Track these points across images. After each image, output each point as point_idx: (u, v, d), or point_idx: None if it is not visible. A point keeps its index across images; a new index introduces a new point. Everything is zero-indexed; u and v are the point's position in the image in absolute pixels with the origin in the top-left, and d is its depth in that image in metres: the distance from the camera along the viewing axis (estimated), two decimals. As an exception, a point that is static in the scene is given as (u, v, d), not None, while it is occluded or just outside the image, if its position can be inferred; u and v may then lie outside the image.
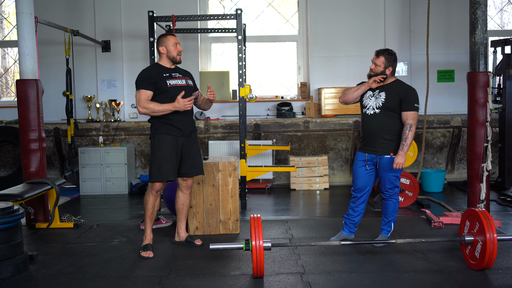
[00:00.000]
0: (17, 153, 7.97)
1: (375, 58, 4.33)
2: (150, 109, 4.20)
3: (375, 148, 4.30)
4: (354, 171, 4.45)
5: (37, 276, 3.84)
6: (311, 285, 3.58)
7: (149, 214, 4.37)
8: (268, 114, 8.28)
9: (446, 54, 8.30)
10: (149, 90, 4.23)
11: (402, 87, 4.32)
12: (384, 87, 4.33)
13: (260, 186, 7.53)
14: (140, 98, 4.23)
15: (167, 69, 4.39)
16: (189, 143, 4.40)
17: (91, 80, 8.23)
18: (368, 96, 4.37)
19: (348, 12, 8.26)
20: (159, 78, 4.26)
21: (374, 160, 4.33)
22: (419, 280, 3.64)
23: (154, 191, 4.34)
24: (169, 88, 4.26)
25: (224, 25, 8.59)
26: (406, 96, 4.23)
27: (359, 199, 4.47)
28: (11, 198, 4.44)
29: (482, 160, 5.15)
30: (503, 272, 3.76)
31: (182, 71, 4.51)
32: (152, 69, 4.38)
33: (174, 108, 4.20)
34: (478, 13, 5.10)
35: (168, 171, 4.27)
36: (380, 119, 4.27)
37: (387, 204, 4.41)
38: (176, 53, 4.37)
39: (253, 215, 3.76)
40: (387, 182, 4.34)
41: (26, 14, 5.28)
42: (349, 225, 4.55)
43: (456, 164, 8.08)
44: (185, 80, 4.41)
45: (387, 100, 4.25)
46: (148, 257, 4.23)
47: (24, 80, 5.33)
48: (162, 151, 4.27)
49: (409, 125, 4.18)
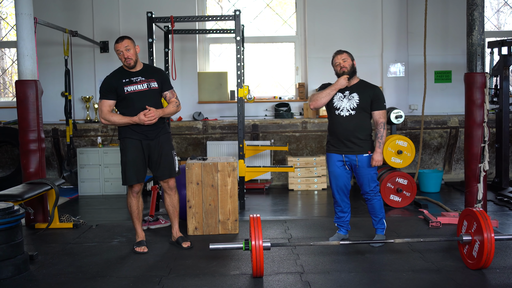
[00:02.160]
0: (15, 154, 7.97)
1: (339, 56, 4.39)
2: (111, 121, 4.24)
3: (352, 149, 4.35)
4: (333, 173, 4.46)
5: (37, 276, 3.85)
6: (310, 284, 3.60)
7: (135, 216, 4.44)
8: (266, 115, 8.31)
9: (443, 55, 8.34)
10: (110, 99, 4.25)
11: (371, 87, 4.43)
12: (353, 88, 4.40)
13: (259, 187, 7.54)
14: (102, 109, 4.24)
15: (129, 73, 4.30)
16: (157, 146, 4.36)
17: (89, 80, 8.24)
18: (339, 98, 4.39)
19: (345, 13, 8.29)
20: (118, 85, 4.24)
21: (353, 162, 4.37)
22: (417, 280, 3.67)
23: (134, 193, 4.41)
24: (126, 95, 4.23)
25: (222, 26, 8.60)
26: (377, 96, 4.36)
27: (344, 199, 4.52)
28: (11, 198, 4.45)
29: (479, 161, 5.18)
30: (501, 271, 3.79)
31: (148, 73, 4.36)
32: (113, 76, 4.33)
33: (134, 122, 4.20)
34: (475, 14, 5.13)
35: (131, 175, 4.30)
36: (356, 120, 4.33)
37: (373, 203, 4.46)
38: (122, 60, 4.26)
39: (253, 215, 3.78)
40: (370, 180, 4.40)
41: (26, 15, 5.29)
42: (343, 225, 4.60)
43: (453, 165, 8.11)
44: (147, 83, 4.30)
45: (361, 101, 4.33)
46: (143, 252, 4.31)
47: (23, 81, 5.34)
48: (125, 155, 4.32)
49: (383, 123, 4.35)
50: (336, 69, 4.41)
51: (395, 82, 8.30)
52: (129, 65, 4.26)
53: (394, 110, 6.21)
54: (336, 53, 4.43)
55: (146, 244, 4.45)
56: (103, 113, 4.24)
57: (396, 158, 6.10)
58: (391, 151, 6.10)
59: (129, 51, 4.23)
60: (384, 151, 6.07)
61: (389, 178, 6.06)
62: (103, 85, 4.29)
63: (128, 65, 4.26)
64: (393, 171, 6.12)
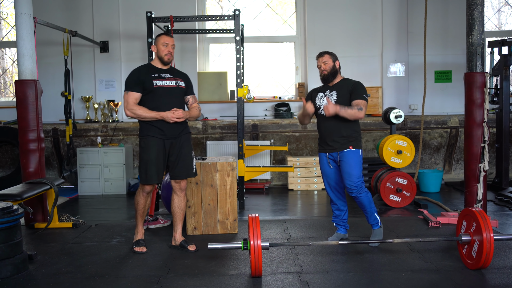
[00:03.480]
0: (15, 153, 7.97)
1: (320, 58, 4.42)
2: (137, 114, 4.19)
3: (333, 147, 4.39)
4: (324, 172, 4.52)
5: (36, 276, 3.85)
6: (309, 284, 3.60)
7: (140, 213, 4.44)
8: (266, 115, 8.30)
9: (443, 55, 8.33)
10: (137, 92, 4.20)
11: (350, 82, 4.43)
12: (334, 87, 4.43)
13: (258, 186, 7.54)
14: (128, 101, 4.20)
15: (157, 69, 4.31)
16: (178, 145, 4.32)
17: (89, 80, 8.24)
18: (320, 98, 4.45)
19: (345, 12, 8.29)
20: (147, 79, 4.21)
21: (336, 158, 4.40)
22: (416, 280, 3.67)
23: (145, 193, 4.36)
24: (154, 89, 4.20)
25: (222, 26, 8.60)
26: (355, 89, 4.34)
27: (339, 196, 4.56)
28: (11, 198, 4.45)
29: (479, 161, 5.17)
30: (500, 271, 3.79)
31: (176, 73, 4.42)
32: (141, 69, 4.33)
33: (161, 117, 4.17)
34: (475, 13, 5.13)
35: (152, 174, 4.25)
36: (335, 117, 4.28)
37: (361, 199, 4.37)
38: (165, 53, 4.26)
39: (251, 215, 3.78)
40: (353, 175, 4.32)
41: (25, 15, 5.28)
42: (342, 224, 4.62)
43: (453, 165, 8.11)
44: (175, 81, 4.30)
45: (339, 97, 4.35)
46: (142, 251, 4.32)
47: (23, 81, 5.34)
48: (147, 153, 4.25)
49: (359, 107, 4.23)
50: (319, 70, 4.47)
51: (395, 82, 8.29)
52: (167, 61, 4.29)
53: (394, 110, 6.20)
54: (318, 56, 4.47)
55: (145, 244, 4.45)
56: (129, 104, 4.18)
57: (396, 158, 6.10)
58: (391, 151, 6.09)
59: (173, 49, 4.32)
60: (384, 151, 6.07)
61: (389, 178, 6.05)
62: (131, 77, 4.26)
63: (167, 61, 4.28)
64: (393, 171, 6.12)
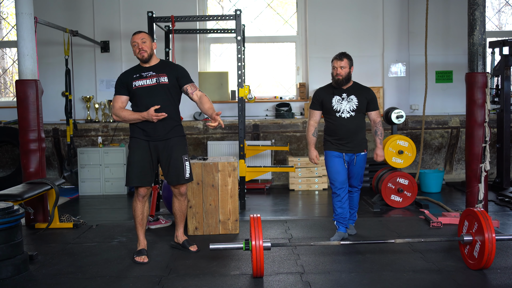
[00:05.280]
0: (16, 154, 7.97)
1: (339, 61, 4.53)
2: (122, 117, 4.16)
3: (352, 148, 4.58)
4: (333, 168, 4.60)
5: (37, 276, 3.84)
6: (311, 284, 3.59)
7: (138, 221, 4.24)
8: (267, 115, 8.30)
9: (444, 55, 8.32)
10: (122, 95, 4.19)
11: (365, 89, 4.64)
12: (350, 91, 4.58)
13: (259, 187, 7.54)
14: (114, 105, 4.20)
15: (141, 68, 4.23)
16: (167, 148, 4.20)
17: (90, 80, 8.24)
18: (338, 101, 4.58)
19: (346, 12, 8.28)
20: (129, 80, 4.18)
21: (352, 160, 4.61)
22: (418, 280, 3.66)
23: (140, 197, 4.20)
24: (134, 90, 4.15)
25: (223, 26, 8.60)
26: (372, 98, 4.62)
27: (344, 194, 4.61)
28: (11, 198, 4.44)
29: (480, 161, 5.17)
30: (502, 271, 3.78)
31: (161, 68, 4.23)
32: (127, 72, 4.29)
33: (143, 118, 4.09)
34: (476, 14, 5.12)
35: (133, 176, 4.14)
36: (356, 120, 4.57)
37: (353, 196, 4.77)
38: (136, 52, 4.16)
39: (253, 215, 3.77)
40: (361, 175, 4.71)
41: (26, 14, 5.28)
42: (343, 223, 4.65)
43: (454, 165, 8.10)
44: (156, 78, 4.15)
45: (360, 103, 4.56)
46: (143, 262, 4.11)
47: (23, 81, 5.34)
48: (131, 155, 4.20)
49: (380, 122, 4.68)
50: (333, 71, 4.57)
51: (396, 82, 8.28)
52: (142, 57, 4.16)
53: (395, 110, 6.19)
54: (338, 58, 4.55)
55: (147, 253, 4.22)
56: (114, 108, 4.18)
57: (397, 158, 6.09)
58: (392, 151, 6.08)
59: (144, 43, 4.14)
60: (385, 151, 6.06)
61: (390, 178, 6.05)
62: (117, 81, 4.25)
63: (142, 58, 4.16)
64: (394, 171, 6.11)
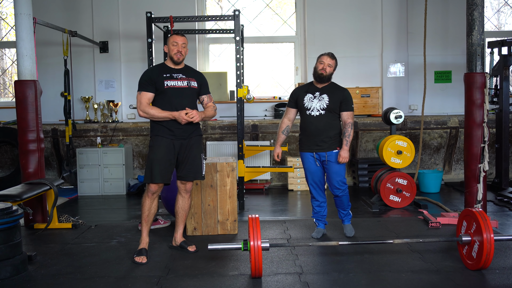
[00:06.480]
0: (15, 154, 7.96)
1: (329, 58, 4.59)
2: (149, 114, 4.16)
3: (322, 147, 4.60)
4: (309, 169, 4.70)
5: (36, 276, 3.84)
6: (309, 285, 3.59)
7: (144, 217, 4.27)
8: (265, 115, 8.30)
9: (443, 55, 8.33)
10: (149, 92, 4.18)
11: (340, 90, 4.66)
12: (324, 90, 4.62)
13: (258, 187, 7.54)
14: (141, 101, 4.18)
15: (170, 69, 4.27)
16: (187, 146, 4.27)
17: (89, 81, 8.24)
18: (309, 99, 4.62)
19: (345, 13, 8.29)
20: (159, 79, 4.19)
21: (322, 158, 4.62)
22: (417, 280, 3.66)
23: (150, 193, 4.24)
24: (165, 89, 4.17)
25: (222, 26, 8.60)
26: (346, 99, 4.61)
27: (320, 193, 4.75)
28: (10, 198, 4.43)
29: (479, 161, 5.17)
30: (500, 272, 3.79)
31: (190, 72, 4.35)
32: (154, 69, 4.32)
33: (173, 117, 4.13)
34: (475, 14, 5.13)
35: (157, 173, 4.17)
36: (325, 119, 4.57)
37: (342, 199, 4.74)
38: (174, 52, 4.21)
39: (252, 216, 3.77)
40: (338, 175, 4.64)
41: (25, 15, 5.28)
42: (321, 219, 4.82)
43: (453, 165, 8.11)
44: (187, 81, 4.25)
45: (331, 103, 4.57)
46: (141, 262, 4.10)
47: (22, 81, 5.34)
48: (154, 152, 4.20)
49: (351, 123, 4.59)
50: (318, 66, 4.59)
51: (395, 82, 8.29)
52: (177, 59, 4.23)
53: (394, 110, 6.20)
54: (329, 55, 4.61)
55: (147, 253, 4.21)
56: (142, 105, 4.16)
57: (396, 159, 6.09)
58: (391, 151, 6.09)
59: (184, 48, 4.26)
60: (384, 151, 6.07)
61: (389, 179, 6.05)
62: (143, 77, 4.24)
63: (177, 59, 4.23)
64: (392, 172, 6.11)
